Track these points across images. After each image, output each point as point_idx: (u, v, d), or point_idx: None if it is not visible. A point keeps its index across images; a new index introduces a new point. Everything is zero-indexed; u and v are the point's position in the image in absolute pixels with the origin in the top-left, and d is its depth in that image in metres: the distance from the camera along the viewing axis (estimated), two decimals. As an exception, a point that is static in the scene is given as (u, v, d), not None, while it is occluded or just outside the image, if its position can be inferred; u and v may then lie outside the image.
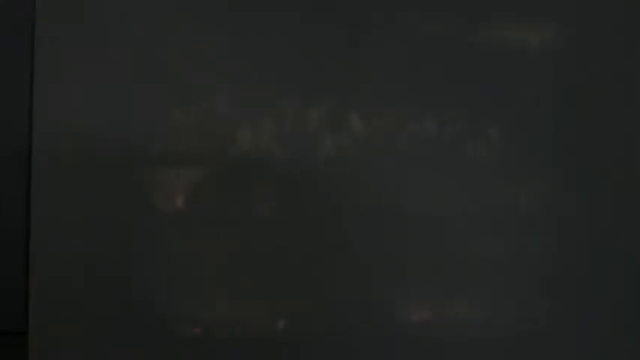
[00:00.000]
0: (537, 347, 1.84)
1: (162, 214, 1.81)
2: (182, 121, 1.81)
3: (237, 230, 1.83)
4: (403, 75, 1.84)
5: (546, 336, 1.84)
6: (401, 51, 1.84)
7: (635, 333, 1.84)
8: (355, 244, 1.82)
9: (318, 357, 1.83)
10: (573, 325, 1.84)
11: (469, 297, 1.84)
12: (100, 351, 1.79)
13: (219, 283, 1.83)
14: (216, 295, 1.82)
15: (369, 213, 1.82)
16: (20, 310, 1.79)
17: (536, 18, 1.86)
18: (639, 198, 1.85)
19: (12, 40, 1.83)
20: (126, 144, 1.80)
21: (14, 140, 1.82)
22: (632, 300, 1.84)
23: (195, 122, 1.82)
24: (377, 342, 1.83)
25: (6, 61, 1.83)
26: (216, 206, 1.82)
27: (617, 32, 1.86)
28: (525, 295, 1.84)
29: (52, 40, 1.78)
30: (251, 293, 1.83)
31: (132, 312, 1.80)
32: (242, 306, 1.83)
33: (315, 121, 1.83)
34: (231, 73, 1.82)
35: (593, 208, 1.85)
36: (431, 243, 1.83)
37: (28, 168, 1.78)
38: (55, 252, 1.78)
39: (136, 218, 1.80)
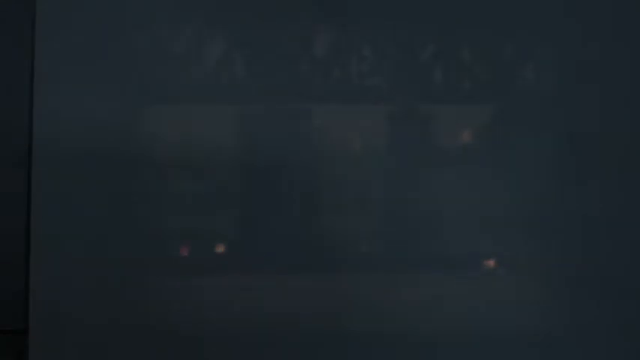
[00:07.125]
0: (539, 348, 1.84)
1: (163, 213, 1.81)
2: (183, 121, 1.82)
3: (239, 230, 1.83)
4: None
5: (548, 336, 1.84)
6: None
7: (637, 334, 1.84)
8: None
9: (318, 357, 1.83)
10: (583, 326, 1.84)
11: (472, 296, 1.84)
12: (100, 350, 1.80)
13: (220, 283, 1.83)
14: (217, 295, 1.83)
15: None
16: (20, 309, 1.80)
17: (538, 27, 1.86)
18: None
19: (12, 40, 1.83)
20: (126, 144, 1.80)
21: (14, 140, 1.82)
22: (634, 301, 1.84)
23: (197, 122, 1.82)
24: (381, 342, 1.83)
25: (6, 61, 1.83)
26: (217, 206, 1.83)
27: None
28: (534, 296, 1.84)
29: (52, 39, 1.79)
30: (252, 293, 1.83)
31: (132, 312, 1.80)
32: (243, 306, 1.83)
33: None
34: (232, 73, 1.82)
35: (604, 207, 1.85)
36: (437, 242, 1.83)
37: (28, 168, 1.79)
38: (55, 252, 1.78)
39: (136, 218, 1.81)
